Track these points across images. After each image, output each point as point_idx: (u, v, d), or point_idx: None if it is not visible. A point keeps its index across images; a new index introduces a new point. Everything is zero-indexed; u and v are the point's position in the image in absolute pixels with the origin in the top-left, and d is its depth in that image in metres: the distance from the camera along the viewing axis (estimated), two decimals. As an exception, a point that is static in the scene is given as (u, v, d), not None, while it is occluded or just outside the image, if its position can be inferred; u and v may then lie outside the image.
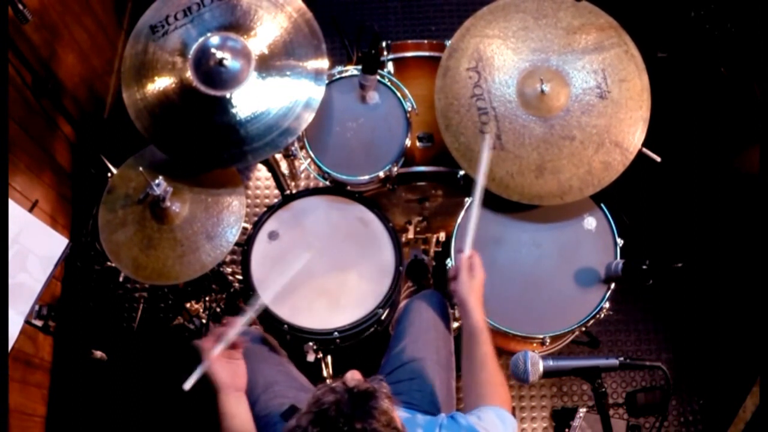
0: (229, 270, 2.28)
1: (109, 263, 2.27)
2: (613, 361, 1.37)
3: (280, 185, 2.22)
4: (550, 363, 1.37)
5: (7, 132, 2.06)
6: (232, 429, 1.32)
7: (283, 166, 2.30)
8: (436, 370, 1.63)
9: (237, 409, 1.34)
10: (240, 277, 2.25)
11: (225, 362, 1.35)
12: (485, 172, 1.61)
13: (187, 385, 1.31)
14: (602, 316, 1.75)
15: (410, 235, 2.30)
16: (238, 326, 1.39)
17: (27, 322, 1.69)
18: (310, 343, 1.72)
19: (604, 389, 1.40)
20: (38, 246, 1.74)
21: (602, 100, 1.73)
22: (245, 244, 1.82)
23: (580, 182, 1.72)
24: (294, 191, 1.94)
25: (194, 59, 1.76)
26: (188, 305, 2.34)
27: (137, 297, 2.56)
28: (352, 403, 0.98)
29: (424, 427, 1.25)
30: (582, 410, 2.21)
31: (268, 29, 1.78)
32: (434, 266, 2.40)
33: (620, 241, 1.77)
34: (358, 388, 1.00)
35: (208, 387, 1.34)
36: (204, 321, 2.29)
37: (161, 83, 1.77)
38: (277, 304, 1.70)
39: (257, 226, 1.84)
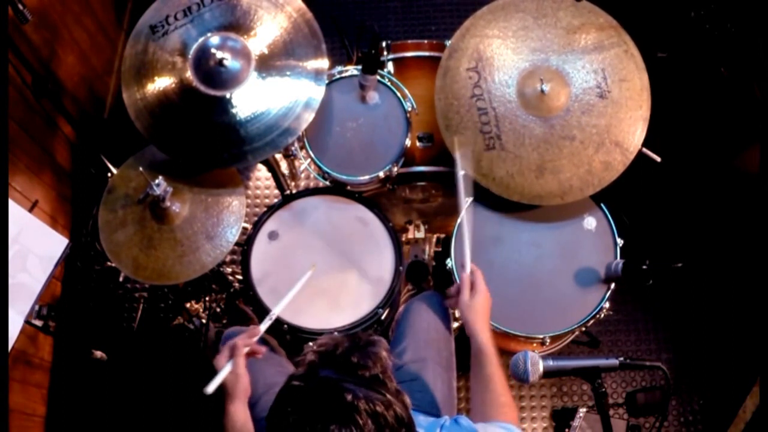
0: (229, 270, 2.27)
1: (109, 263, 2.27)
2: (613, 361, 1.37)
3: (280, 185, 2.22)
4: (550, 363, 1.36)
5: (7, 132, 2.06)
6: None
7: (283, 166, 2.30)
8: (438, 371, 1.62)
9: (246, 415, 1.35)
10: (240, 277, 2.25)
11: (246, 369, 1.36)
12: (466, 191, 1.65)
13: (210, 388, 1.30)
14: (602, 316, 1.75)
15: (410, 235, 2.30)
16: (260, 333, 1.41)
17: (27, 322, 1.69)
18: (310, 344, 1.72)
19: (604, 389, 1.39)
20: (38, 246, 1.74)
21: (602, 99, 1.73)
22: (245, 244, 1.82)
23: (581, 182, 1.72)
24: (294, 191, 1.94)
25: (194, 59, 1.76)
26: (188, 305, 2.34)
27: (137, 297, 2.56)
28: (352, 344, 1.00)
29: (425, 428, 1.25)
30: (582, 410, 2.21)
31: (268, 29, 1.78)
32: (434, 266, 2.40)
33: (620, 241, 1.77)
34: (358, 336, 1.02)
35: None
36: (204, 321, 2.29)
37: (161, 83, 1.77)
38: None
39: (257, 226, 1.84)
